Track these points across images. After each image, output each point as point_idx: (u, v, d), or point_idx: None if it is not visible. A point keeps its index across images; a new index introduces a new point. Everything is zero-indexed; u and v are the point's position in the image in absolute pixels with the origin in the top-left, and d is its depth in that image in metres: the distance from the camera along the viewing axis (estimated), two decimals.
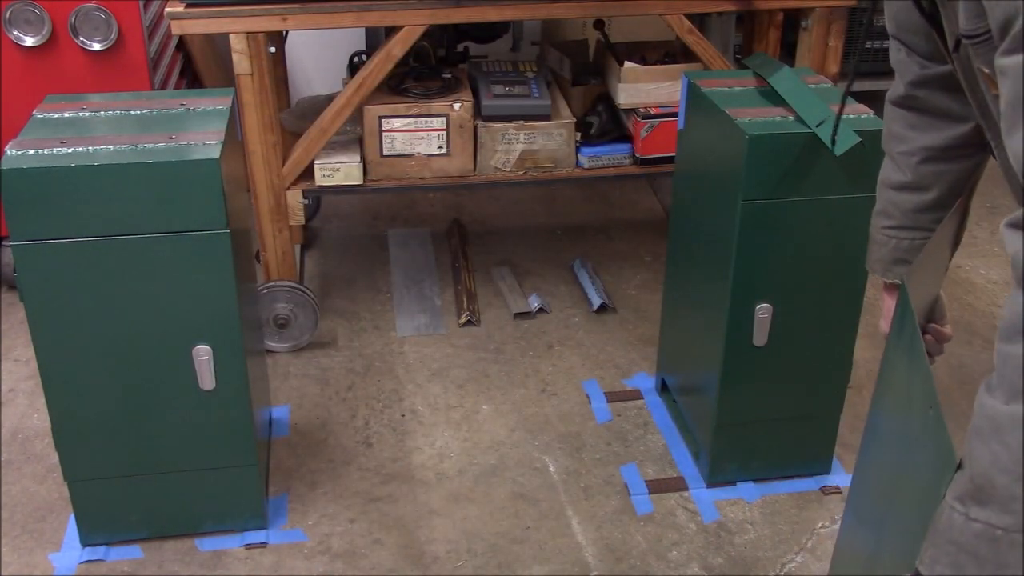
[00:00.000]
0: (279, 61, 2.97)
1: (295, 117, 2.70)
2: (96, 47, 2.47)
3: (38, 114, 1.81)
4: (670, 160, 2.32)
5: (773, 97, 1.94)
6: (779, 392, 2.03)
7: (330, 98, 2.53)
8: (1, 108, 2.49)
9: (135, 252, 1.67)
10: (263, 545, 1.95)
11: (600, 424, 2.30)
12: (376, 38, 2.80)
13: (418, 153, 2.49)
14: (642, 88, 2.55)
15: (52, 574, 1.88)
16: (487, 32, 2.90)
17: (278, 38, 2.79)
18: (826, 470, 2.14)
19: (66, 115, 1.81)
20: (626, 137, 2.62)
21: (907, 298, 1.23)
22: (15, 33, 2.43)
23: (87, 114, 1.82)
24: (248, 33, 2.19)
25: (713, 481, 2.11)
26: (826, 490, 2.10)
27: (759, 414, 2.05)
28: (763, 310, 1.91)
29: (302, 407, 2.35)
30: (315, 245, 3.10)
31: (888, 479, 1.33)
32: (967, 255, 3.04)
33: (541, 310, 2.73)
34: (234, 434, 1.87)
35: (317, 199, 3.13)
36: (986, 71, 0.92)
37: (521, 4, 2.28)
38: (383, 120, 2.45)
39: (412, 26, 2.26)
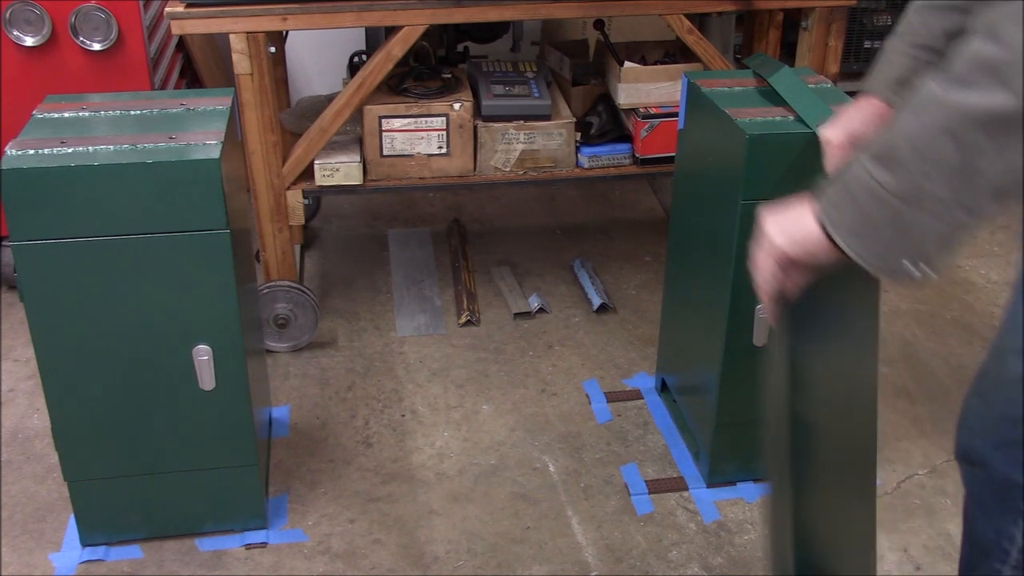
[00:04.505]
0: (279, 61, 2.98)
1: (295, 117, 2.70)
2: (96, 47, 2.47)
3: (38, 114, 1.81)
4: (670, 160, 2.32)
5: (773, 97, 1.94)
6: None
7: (330, 98, 2.53)
8: (1, 108, 2.49)
9: (135, 252, 1.67)
10: (263, 545, 1.95)
11: (600, 424, 2.30)
12: (376, 38, 2.80)
13: (418, 153, 2.49)
14: (642, 88, 2.55)
15: (52, 574, 1.89)
16: (487, 32, 2.90)
17: (278, 38, 2.79)
18: None
19: (66, 115, 1.81)
20: (626, 137, 2.62)
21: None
22: (15, 33, 2.43)
23: (87, 114, 1.82)
24: (248, 33, 2.19)
25: (713, 481, 2.11)
26: None
27: (759, 414, 2.05)
28: (763, 310, 1.91)
29: (302, 407, 2.35)
30: (315, 245, 3.10)
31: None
32: (967, 255, 3.04)
33: (541, 310, 2.73)
34: (234, 434, 1.87)
35: (317, 199, 3.13)
36: None
37: (521, 4, 2.28)
38: (383, 120, 2.45)
39: (412, 26, 2.26)
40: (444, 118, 2.46)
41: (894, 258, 0.93)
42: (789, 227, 1.00)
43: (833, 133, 1.28)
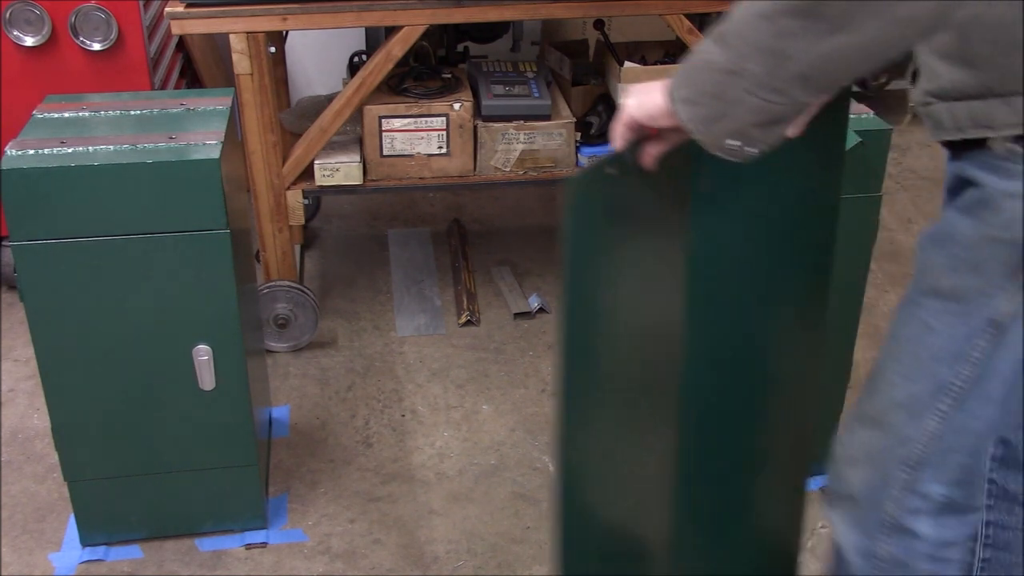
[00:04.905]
0: (279, 61, 2.97)
1: (295, 117, 2.70)
2: (96, 47, 2.47)
3: (38, 114, 1.81)
4: None
5: None
6: None
7: (330, 98, 2.53)
8: (1, 108, 2.49)
9: (135, 252, 1.67)
10: (263, 545, 1.95)
11: None
12: (376, 38, 2.80)
13: (418, 153, 2.49)
14: None
15: (52, 574, 1.89)
16: (487, 32, 2.90)
17: (278, 38, 2.79)
18: (826, 471, 2.14)
19: (66, 115, 1.81)
20: None
21: None
22: (15, 33, 2.43)
23: (87, 114, 1.82)
24: (248, 33, 2.19)
25: None
26: (826, 490, 2.10)
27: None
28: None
29: (302, 407, 2.35)
30: (315, 245, 3.10)
31: None
32: None
33: (541, 310, 2.73)
34: (234, 434, 1.87)
35: (317, 199, 3.13)
36: None
37: (521, 4, 2.28)
38: (383, 120, 2.45)
39: (412, 26, 2.26)
40: (444, 118, 2.46)
41: (719, 130, 1.02)
42: (642, 97, 1.10)
43: None
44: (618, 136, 1.15)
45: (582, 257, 1.20)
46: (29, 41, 2.44)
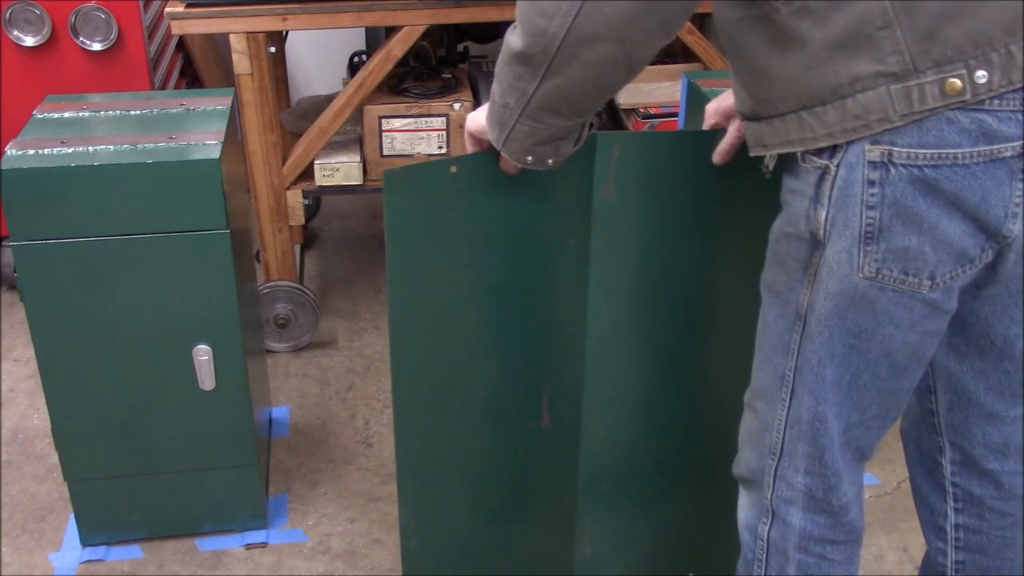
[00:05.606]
0: (279, 61, 2.97)
1: (295, 117, 2.70)
2: (96, 47, 2.47)
3: (38, 114, 1.81)
4: None
5: None
6: None
7: (330, 98, 2.53)
8: (1, 108, 2.49)
9: (135, 252, 1.67)
10: (263, 545, 1.95)
11: None
12: (376, 38, 2.80)
13: (418, 153, 2.49)
14: (642, 88, 2.55)
15: (52, 574, 1.89)
16: (487, 32, 2.90)
17: (278, 38, 2.79)
18: None
19: (66, 115, 1.81)
20: None
21: None
22: (15, 33, 2.43)
23: (87, 114, 1.82)
24: (248, 33, 2.19)
25: None
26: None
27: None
28: None
29: (302, 407, 2.35)
30: (315, 245, 3.10)
31: None
32: None
33: None
34: (234, 434, 1.87)
35: (317, 199, 3.13)
36: None
37: None
38: (383, 120, 2.45)
39: (412, 26, 2.26)
40: (444, 118, 2.46)
41: (512, 149, 1.18)
42: (477, 115, 1.26)
43: (709, 106, 1.42)
44: (467, 144, 1.30)
45: (411, 246, 1.37)
46: (29, 41, 2.44)
